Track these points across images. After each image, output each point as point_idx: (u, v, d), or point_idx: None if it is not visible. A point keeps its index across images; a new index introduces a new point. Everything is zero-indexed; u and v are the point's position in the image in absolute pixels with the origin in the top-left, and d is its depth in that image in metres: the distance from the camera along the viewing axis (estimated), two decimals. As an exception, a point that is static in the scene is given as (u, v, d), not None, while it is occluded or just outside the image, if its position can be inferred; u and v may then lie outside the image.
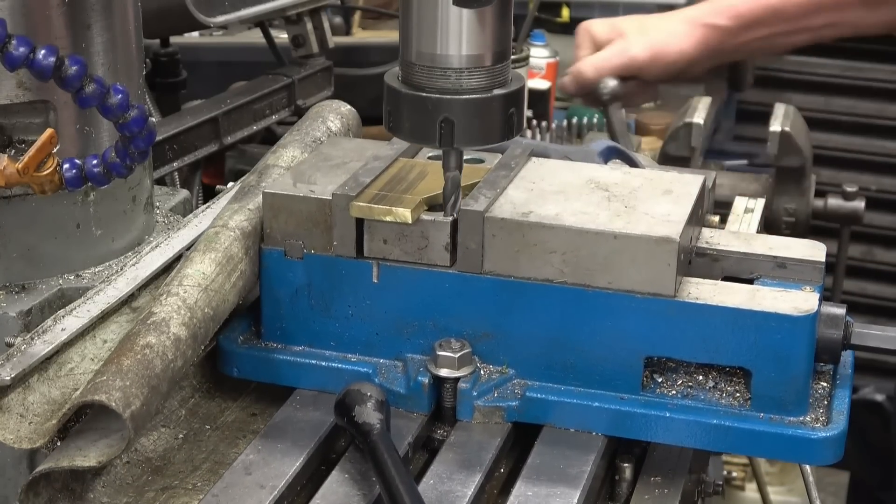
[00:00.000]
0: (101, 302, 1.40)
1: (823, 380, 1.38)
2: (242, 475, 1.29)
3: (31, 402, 1.26)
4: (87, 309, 1.39)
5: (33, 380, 1.28)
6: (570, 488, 1.28)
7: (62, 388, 1.30)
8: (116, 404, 1.17)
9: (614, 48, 2.39)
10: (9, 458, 1.42)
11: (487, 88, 1.28)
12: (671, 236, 1.32)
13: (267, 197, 1.42)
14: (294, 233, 1.41)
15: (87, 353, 1.35)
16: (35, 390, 1.28)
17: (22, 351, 1.30)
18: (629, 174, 1.48)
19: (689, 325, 1.32)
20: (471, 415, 1.37)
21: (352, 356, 1.43)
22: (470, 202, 1.37)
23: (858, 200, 2.52)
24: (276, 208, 1.41)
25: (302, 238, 1.41)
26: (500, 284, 1.37)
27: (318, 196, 1.40)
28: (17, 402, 1.26)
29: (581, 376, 1.37)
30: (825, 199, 2.48)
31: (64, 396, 1.29)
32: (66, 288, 1.53)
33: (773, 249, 1.43)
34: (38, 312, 1.48)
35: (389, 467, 1.23)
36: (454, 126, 1.28)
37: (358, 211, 1.37)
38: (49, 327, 1.35)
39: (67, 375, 1.31)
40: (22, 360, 1.28)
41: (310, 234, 1.41)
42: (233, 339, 1.44)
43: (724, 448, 1.34)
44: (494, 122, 1.29)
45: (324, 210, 1.39)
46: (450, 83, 1.27)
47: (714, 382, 1.35)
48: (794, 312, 1.30)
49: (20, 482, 1.42)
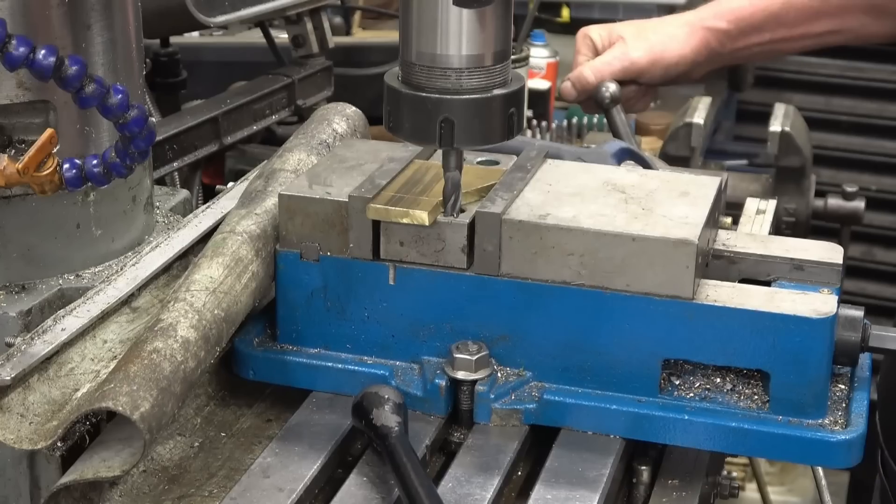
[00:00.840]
0: (101, 302, 1.40)
1: (841, 382, 1.38)
2: (260, 478, 1.29)
3: (32, 402, 1.26)
4: (87, 309, 1.38)
5: (33, 380, 1.28)
6: (590, 491, 1.28)
7: (62, 388, 1.29)
8: (124, 408, 1.16)
9: (614, 52, 2.39)
10: (9, 458, 1.42)
11: (487, 88, 1.28)
12: (689, 239, 1.31)
13: (283, 199, 1.41)
14: (310, 235, 1.41)
15: (87, 353, 1.35)
16: (35, 390, 1.27)
17: (22, 351, 1.29)
18: (645, 176, 1.48)
19: (707, 328, 1.32)
20: (488, 417, 1.37)
21: (368, 358, 1.42)
22: (487, 204, 1.37)
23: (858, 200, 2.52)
24: (291, 210, 1.41)
25: (318, 240, 1.40)
26: (517, 287, 1.36)
27: (334, 198, 1.40)
28: (17, 402, 1.25)
29: (598, 379, 1.36)
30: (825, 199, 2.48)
31: (64, 397, 1.28)
32: (66, 288, 1.52)
33: (790, 251, 1.43)
34: (38, 312, 1.47)
35: (409, 471, 1.23)
36: (454, 126, 1.27)
37: (375, 213, 1.36)
38: (49, 327, 1.34)
39: (67, 375, 1.31)
40: (22, 360, 1.28)
41: (326, 237, 1.40)
42: (248, 341, 1.44)
43: (743, 451, 1.34)
44: (494, 122, 1.29)
45: (340, 212, 1.39)
46: (450, 83, 1.26)
47: (732, 385, 1.35)
48: (813, 315, 1.30)
49: (20, 482, 1.42)
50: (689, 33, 2.40)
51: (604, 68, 2.36)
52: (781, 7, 2.40)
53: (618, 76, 2.34)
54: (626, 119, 2.17)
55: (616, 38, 2.41)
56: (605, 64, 2.37)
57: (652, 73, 2.40)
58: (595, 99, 2.27)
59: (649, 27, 2.45)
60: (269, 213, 1.46)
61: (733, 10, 2.41)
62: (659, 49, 2.38)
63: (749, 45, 2.45)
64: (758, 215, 1.73)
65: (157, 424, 1.19)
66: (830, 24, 2.42)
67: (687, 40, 2.39)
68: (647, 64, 2.38)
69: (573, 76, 2.39)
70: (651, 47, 2.38)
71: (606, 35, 2.44)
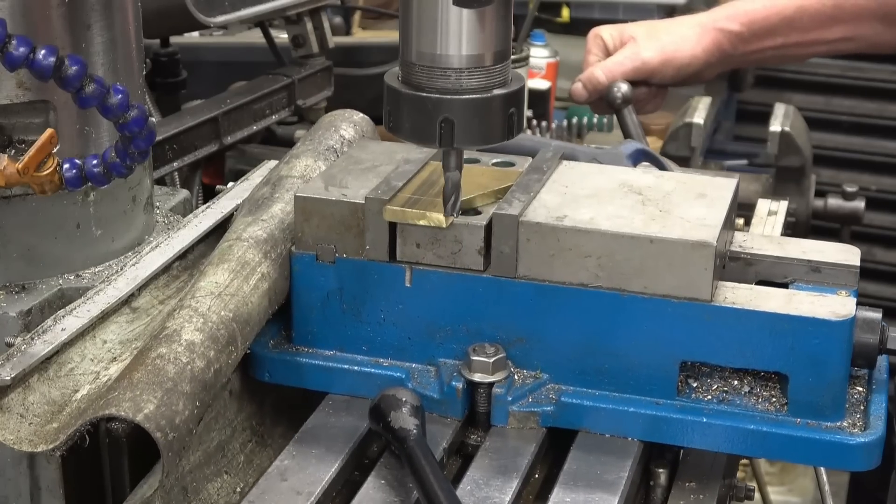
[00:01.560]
0: (101, 302, 1.40)
1: (859, 384, 1.37)
2: (278, 481, 1.28)
3: (31, 403, 1.25)
4: (87, 309, 1.38)
5: (33, 380, 1.27)
6: (609, 494, 1.28)
7: (62, 388, 1.29)
8: (126, 413, 1.16)
9: (626, 52, 2.38)
10: (8, 459, 1.41)
11: (487, 88, 1.27)
12: (708, 241, 1.31)
13: (298, 201, 1.40)
14: (326, 237, 1.40)
15: (87, 353, 1.34)
16: (35, 390, 1.27)
17: (22, 351, 1.29)
18: (661, 178, 1.48)
19: (725, 330, 1.32)
20: (505, 420, 1.36)
21: (383, 361, 1.42)
22: (504, 206, 1.36)
23: (858, 200, 2.53)
24: (307, 212, 1.40)
25: (334, 242, 1.40)
26: (534, 289, 1.36)
27: (350, 200, 1.39)
28: (17, 402, 1.25)
29: (615, 381, 1.36)
30: (825, 199, 2.49)
31: (64, 397, 1.28)
32: (66, 288, 1.51)
33: (807, 253, 1.43)
34: (38, 312, 1.47)
35: (428, 474, 1.23)
36: (454, 126, 1.27)
37: (391, 215, 1.36)
38: (49, 327, 1.34)
39: (67, 376, 1.30)
40: (22, 360, 1.27)
41: (342, 238, 1.40)
42: (263, 343, 1.43)
43: (762, 454, 1.34)
44: (494, 122, 1.28)
45: (356, 214, 1.38)
46: (450, 83, 1.26)
47: (750, 387, 1.34)
48: (832, 317, 1.30)
49: (20, 482, 1.41)
50: (701, 34, 2.40)
51: (615, 68, 2.35)
52: (795, 12, 2.40)
53: (629, 76, 2.34)
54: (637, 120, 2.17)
55: (627, 38, 2.41)
56: (617, 64, 2.37)
57: (663, 74, 2.39)
58: (606, 99, 2.27)
59: (661, 28, 2.45)
60: (276, 217, 1.46)
61: (747, 13, 2.41)
62: (671, 49, 2.38)
63: (761, 48, 2.45)
64: (769, 216, 1.73)
65: (172, 424, 1.17)
66: (844, 30, 2.42)
67: (699, 41, 2.39)
68: (658, 64, 2.38)
69: (584, 77, 2.39)
70: (663, 48, 2.38)
71: (618, 35, 2.43)
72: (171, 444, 1.17)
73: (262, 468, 1.42)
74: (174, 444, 1.17)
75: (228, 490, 1.39)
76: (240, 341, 1.33)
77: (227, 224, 1.62)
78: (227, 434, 1.40)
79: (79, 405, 1.26)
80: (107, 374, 1.31)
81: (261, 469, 1.43)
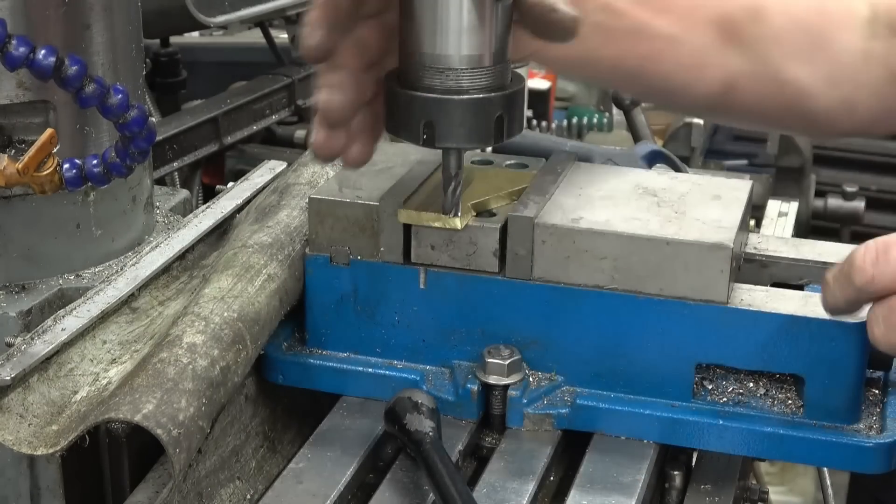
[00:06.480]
0: (101, 302, 1.40)
1: (875, 387, 1.37)
2: (294, 484, 1.28)
3: (31, 403, 1.25)
4: (87, 309, 1.38)
5: (33, 380, 1.27)
6: (625, 497, 1.27)
7: (61, 388, 1.28)
8: (125, 415, 1.15)
9: None
10: (8, 459, 1.41)
11: (486, 88, 1.26)
12: (724, 243, 1.31)
13: (313, 202, 1.40)
14: (340, 239, 1.40)
15: (86, 353, 1.34)
16: (35, 390, 1.26)
17: (22, 351, 1.29)
18: (676, 179, 1.47)
19: (741, 333, 1.31)
20: (520, 422, 1.36)
21: (398, 363, 1.41)
22: (519, 208, 1.36)
23: (858, 200, 2.53)
24: (321, 214, 1.40)
25: (348, 244, 1.39)
26: (549, 291, 1.35)
27: (364, 201, 1.39)
28: (16, 403, 1.24)
29: (631, 383, 1.36)
30: (825, 199, 2.49)
31: (63, 398, 1.27)
32: (66, 288, 1.51)
33: (823, 255, 1.43)
34: (38, 312, 1.47)
35: (445, 477, 1.22)
36: (454, 126, 1.26)
37: (406, 217, 1.35)
38: (49, 327, 1.34)
39: (67, 376, 1.30)
40: (22, 360, 1.27)
41: (356, 240, 1.39)
42: (277, 345, 1.43)
43: (777, 456, 1.33)
44: (480, 124, 1.27)
45: (370, 216, 1.38)
46: (438, 83, 1.25)
47: (765, 390, 1.34)
48: (849, 320, 1.29)
49: (20, 482, 1.41)
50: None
51: None
52: None
53: None
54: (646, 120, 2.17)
55: None
56: None
57: None
58: (614, 99, 2.27)
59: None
60: (281, 223, 1.46)
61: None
62: None
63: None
64: (780, 218, 1.73)
65: (174, 420, 1.16)
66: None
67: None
68: None
69: None
70: None
71: None
72: (177, 441, 1.16)
73: (272, 475, 1.42)
74: (181, 440, 1.16)
75: (239, 496, 1.38)
76: (248, 339, 1.32)
77: (227, 224, 1.62)
78: (241, 439, 1.39)
79: (78, 408, 1.26)
80: (106, 376, 1.30)
81: (270, 476, 1.42)
